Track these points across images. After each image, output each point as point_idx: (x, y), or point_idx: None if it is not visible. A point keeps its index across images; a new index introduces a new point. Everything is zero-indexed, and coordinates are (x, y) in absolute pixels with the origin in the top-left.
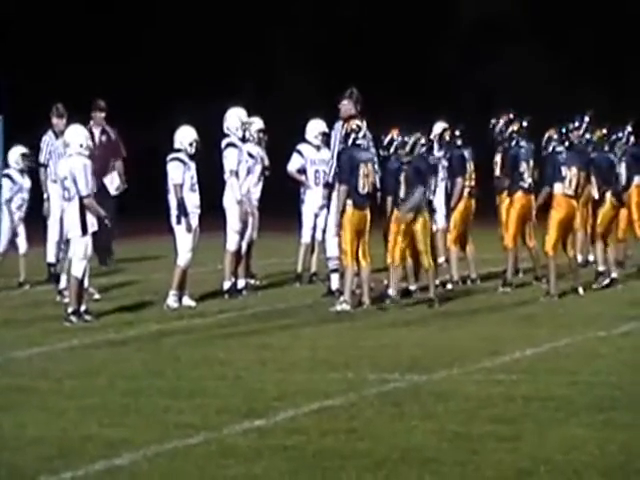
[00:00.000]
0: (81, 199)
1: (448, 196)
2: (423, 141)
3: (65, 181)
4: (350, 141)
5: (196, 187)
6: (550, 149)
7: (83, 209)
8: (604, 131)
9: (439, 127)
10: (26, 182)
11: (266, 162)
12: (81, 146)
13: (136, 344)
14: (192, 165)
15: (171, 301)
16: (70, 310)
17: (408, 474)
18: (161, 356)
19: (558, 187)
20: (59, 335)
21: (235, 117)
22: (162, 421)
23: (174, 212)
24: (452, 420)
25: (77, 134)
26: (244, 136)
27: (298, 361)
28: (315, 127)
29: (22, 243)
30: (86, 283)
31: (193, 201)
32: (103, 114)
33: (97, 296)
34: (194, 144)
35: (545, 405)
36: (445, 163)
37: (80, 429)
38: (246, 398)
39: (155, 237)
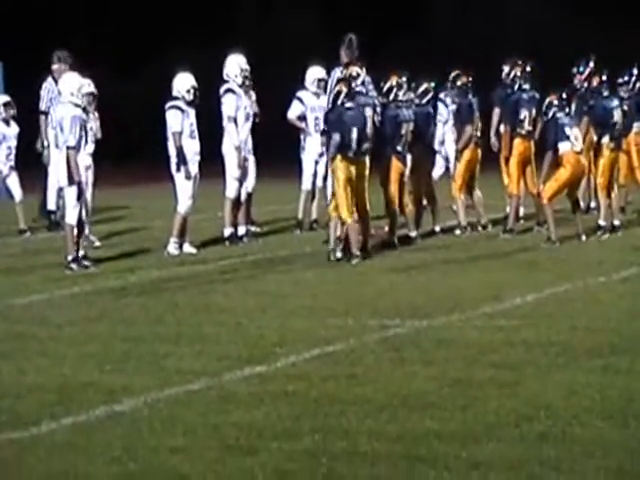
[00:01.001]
0: (67, 149)
1: (456, 143)
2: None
3: (55, 129)
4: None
5: (195, 134)
6: (550, 115)
7: (69, 158)
8: (604, 77)
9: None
10: (11, 130)
11: (255, 108)
12: (72, 94)
13: (136, 291)
14: (191, 112)
15: (172, 248)
16: (69, 258)
17: (409, 419)
18: (161, 303)
19: (565, 145)
20: (59, 282)
21: (235, 64)
22: (162, 367)
23: (173, 160)
24: (453, 366)
25: (69, 82)
26: (243, 83)
27: (298, 308)
28: (313, 74)
29: (17, 191)
30: (86, 230)
31: (192, 148)
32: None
33: (97, 243)
34: (191, 91)
35: (545, 351)
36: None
37: (80, 376)
38: (247, 344)
39: (155, 184)
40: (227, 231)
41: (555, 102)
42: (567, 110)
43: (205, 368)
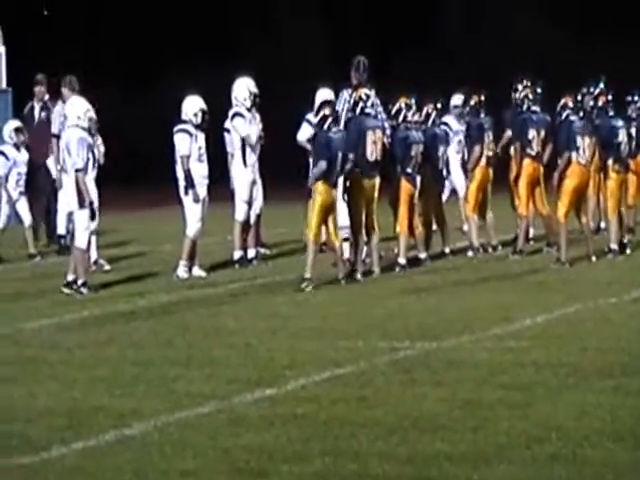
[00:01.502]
0: (76, 171)
1: (466, 165)
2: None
3: (62, 153)
4: (358, 109)
5: (204, 157)
6: (564, 116)
7: (79, 182)
8: (609, 97)
9: (456, 99)
10: (21, 156)
11: (260, 131)
12: (78, 118)
13: (146, 314)
14: (200, 135)
15: (181, 271)
16: (80, 282)
17: (419, 441)
18: (171, 326)
19: (572, 156)
20: (68, 306)
21: (244, 87)
22: (172, 391)
23: (182, 183)
24: (463, 387)
25: (75, 106)
26: (252, 106)
27: (308, 330)
28: (321, 96)
29: (26, 216)
30: (95, 255)
31: (201, 172)
32: (43, 88)
33: (107, 267)
34: (199, 114)
35: (556, 371)
36: (459, 134)
37: (91, 400)
38: (256, 367)
39: (163, 207)
40: (237, 254)
41: (570, 104)
42: (581, 114)
43: (215, 391)
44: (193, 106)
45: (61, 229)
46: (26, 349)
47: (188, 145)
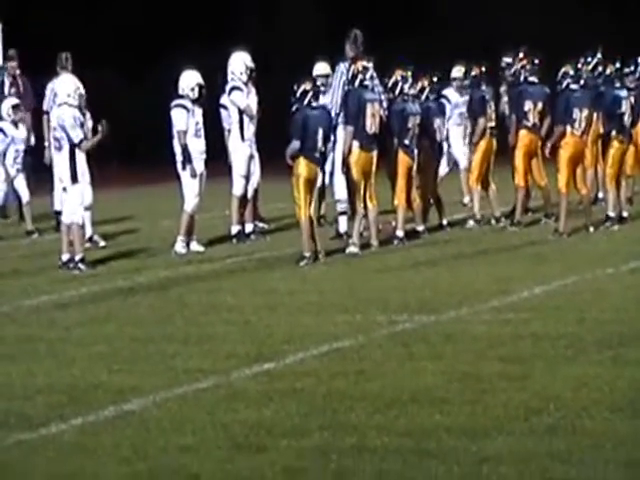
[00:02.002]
0: (72, 147)
1: (470, 136)
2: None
3: (55, 131)
4: (357, 82)
5: (201, 133)
6: (564, 85)
7: (73, 157)
8: (617, 65)
9: (456, 71)
10: (19, 133)
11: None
12: (68, 95)
13: (144, 291)
14: (197, 110)
15: (179, 247)
16: (78, 258)
17: (418, 414)
18: (169, 302)
19: (569, 128)
20: (67, 283)
21: (240, 61)
22: (171, 367)
23: (179, 158)
24: (461, 360)
25: (65, 83)
26: (248, 80)
27: (306, 305)
28: (316, 70)
29: (24, 192)
30: (90, 232)
31: (198, 147)
32: (14, 63)
33: (102, 243)
34: (196, 89)
35: (554, 343)
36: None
37: (89, 376)
38: (255, 342)
39: (161, 184)
40: (234, 229)
41: (570, 72)
42: (582, 83)
43: (214, 367)
44: (190, 81)
45: (57, 205)
46: (24, 327)
47: (185, 120)
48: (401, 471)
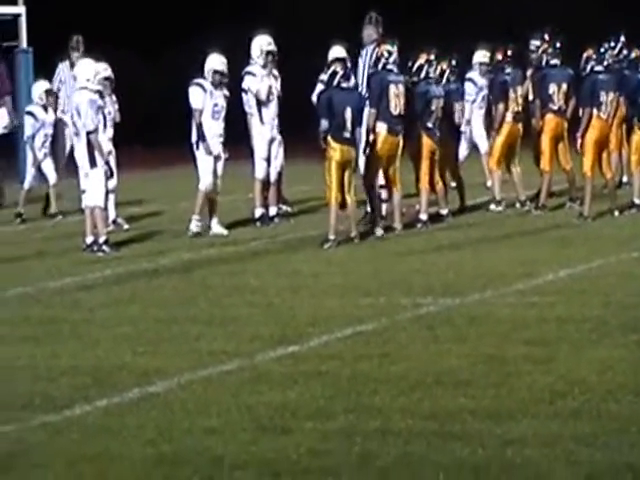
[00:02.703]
0: (87, 133)
1: (491, 120)
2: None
3: (73, 117)
4: (380, 65)
5: (219, 115)
6: (588, 69)
7: (90, 143)
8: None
9: (480, 55)
10: (49, 117)
11: (278, 88)
12: (88, 80)
13: (168, 273)
14: (216, 92)
15: (193, 225)
16: (102, 240)
17: (442, 397)
18: (193, 284)
19: (594, 111)
20: (91, 265)
21: (257, 45)
22: (195, 349)
23: (194, 137)
24: (486, 343)
25: (84, 68)
26: (265, 64)
27: (330, 287)
28: (332, 54)
29: (51, 175)
30: (113, 214)
31: (215, 129)
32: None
33: (126, 226)
34: (215, 73)
35: (579, 327)
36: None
37: (113, 358)
38: (279, 325)
39: (184, 166)
40: (258, 212)
41: (593, 56)
42: (606, 63)
43: (238, 349)
44: (212, 64)
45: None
46: (48, 308)
47: (201, 99)
48: (425, 454)
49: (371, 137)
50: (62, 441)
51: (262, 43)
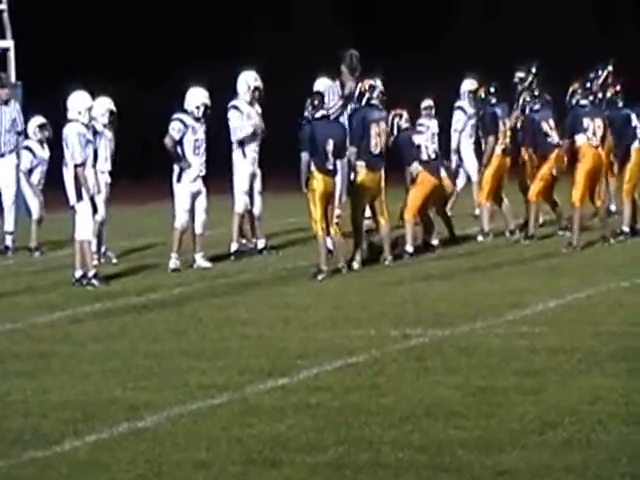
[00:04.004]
0: (75, 166)
1: (480, 152)
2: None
3: (63, 147)
4: (364, 101)
5: (199, 151)
6: (574, 102)
7: (77, 176)
8: (617, 88)
9: (468, 84)
10: (45, 153)
11: (261, 124)
12: (79, 113)
13: (158, 306)
14: (198, 128)
15: (172, 263)
16: (91, 274)
17: (432, 428)
18: (183, 318)
19: (581, 138)
20: (81, 299)
21: (243, 81)
22: (185, 382)
23: (176, 170)
24: (476, 374)
25: (76, 100)
26: (252, 100)
27: (321, 319)
28: (317, 85)
29: (35, 209)
30: (103, 248)
31: (195, 164)
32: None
33: (114, 260)
34: (201, 107)
35: (569, 356)
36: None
37: (103, 392)
38: (269, 357)
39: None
40: (234, 246)
41: (579, 90)
42: (591, 98)
43: (228, 382)
44: (195, 99)
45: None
46: (39, 343)
47: (178, 133)
48: None
49: (352, 176)
50: (52, 476)
51: (248, 78)
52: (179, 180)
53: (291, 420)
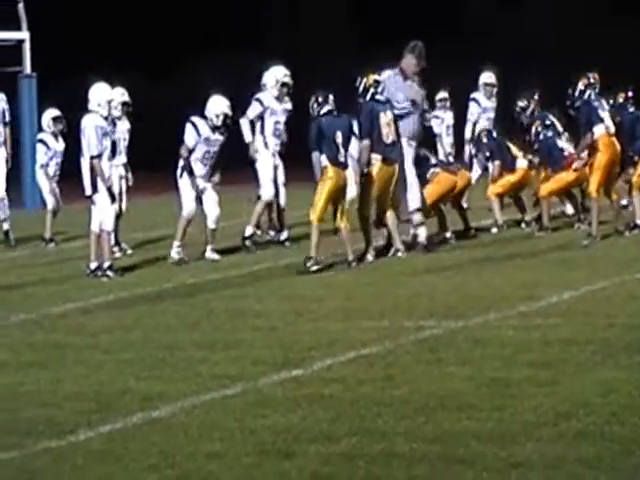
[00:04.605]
0: (91, 158)
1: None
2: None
3: (81, 138)
4: (369, 96)
5: (207, 161)
6: (586, 96)
7: (92, 167)
8: (629, 94)
9: (486, 76)
10: (59, 146)
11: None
12: (99, 105)
13: (171, 298)
14: (213, 138)
15: (173, 252)
16: (106, 265)
17: (446, 420)
18: (196, 309)
19: (599, 129)
20: (94, 290)
21: (272, 75)
22: (198, 373)
23: (180, 167)
24: (489, 366)
25: (96, 92)
26: (279, 94)
27: (333, 311)
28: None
29: (50, 200)
30: (118, 238)
31: (200, 172)
32: None
33: (130, 251)
34: (221, 117)
35: (583, 348)
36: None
37: (117, 383)
38: (282, 348)
39: None
40: (249, 230)
41: (592, 81)
42: (598, 90)
43: (241, 373)
44: (215, 108)
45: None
46: (52, 334)
47: (193, 138)
48: (429, 477)
49: (365, 169)
50: (66, 466)
51: (278, 74)
52: (181, 175)
53: (304, 411)
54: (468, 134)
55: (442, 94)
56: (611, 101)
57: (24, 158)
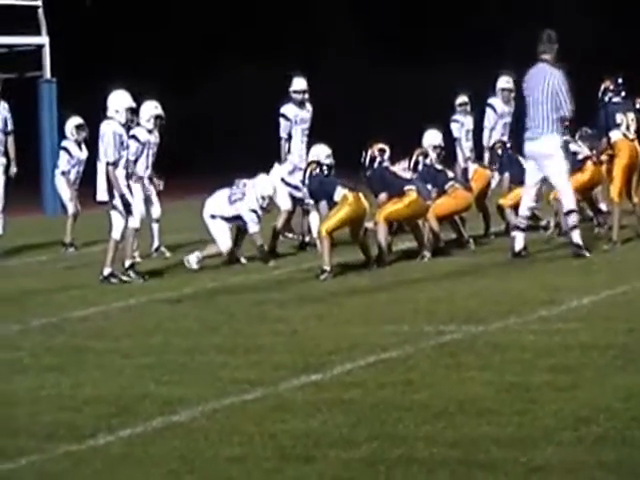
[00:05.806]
0: (107, 164)
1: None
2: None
3: (99, 144)
4: (376, 164)
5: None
6: (607, 99)
7: (107, 173)
8: None
9: (503, 81)
10: (82, 154)
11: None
12: (117, 112)
13: (192, 302)
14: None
15: (192, 256)
16: (127, 264)
17: (466, 425)
18: (217, 313)
19: (616, 134)
20: (115, 294)
21: (297, 84)
22: (219, 378)
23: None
24: (509, 370)
25: (116, 99)
26: (300, 103)
27: (354, 315)
28: (294, 85)
29: (70, 206)
30: (157, 242)
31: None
32: None
33: (168, 254)
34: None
35: (603, 353)
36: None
37: (137, 387)
38: (302, 353)
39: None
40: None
41: (611, 87)
42: (623, 94)
43: (261, 377)
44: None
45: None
46: (73, 338)
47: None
48: None
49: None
50: (86, 471)
51: (296, 85)
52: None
53: (324, 416)
54: (486, 141)
55: (462, 98)
56: (638, 105)
57: (44, 163)
